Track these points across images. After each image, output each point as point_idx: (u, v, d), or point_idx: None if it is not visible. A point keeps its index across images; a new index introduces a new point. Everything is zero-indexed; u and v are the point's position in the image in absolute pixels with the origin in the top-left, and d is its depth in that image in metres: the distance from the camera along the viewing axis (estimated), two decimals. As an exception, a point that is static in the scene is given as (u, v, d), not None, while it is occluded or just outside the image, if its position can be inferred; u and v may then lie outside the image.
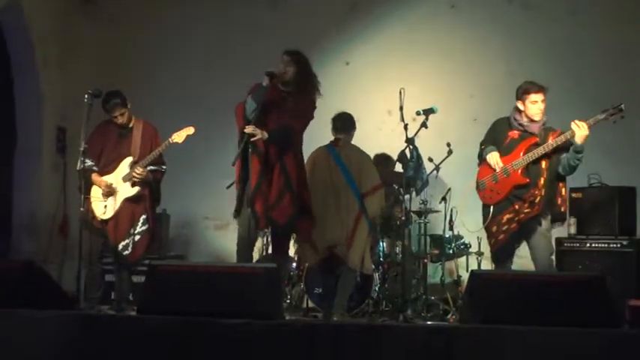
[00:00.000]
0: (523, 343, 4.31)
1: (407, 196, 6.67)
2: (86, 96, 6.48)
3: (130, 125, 6.83)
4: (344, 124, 7.02)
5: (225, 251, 7.96)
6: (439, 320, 7.02)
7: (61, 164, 8.59)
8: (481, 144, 6.43)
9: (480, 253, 7.65)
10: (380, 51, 9.05)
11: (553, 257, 6.27)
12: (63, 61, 9.12)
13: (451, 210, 7.62)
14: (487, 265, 8.05)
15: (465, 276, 6.78)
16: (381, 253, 7.50)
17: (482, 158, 6.38)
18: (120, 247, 6.66)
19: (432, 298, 7.43)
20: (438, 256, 7.74)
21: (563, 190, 6.21)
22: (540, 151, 6.05)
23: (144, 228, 6.74)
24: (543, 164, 6.10)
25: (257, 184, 5.84)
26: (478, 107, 8.81)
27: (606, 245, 7.15)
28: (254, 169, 5.85)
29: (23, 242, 8.59)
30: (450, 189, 7.72)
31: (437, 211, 7.78)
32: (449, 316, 7.15)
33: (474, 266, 7.57)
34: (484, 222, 6.27)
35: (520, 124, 6.20)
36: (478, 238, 7.56)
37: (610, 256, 7.09)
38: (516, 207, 6.11)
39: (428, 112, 6.50)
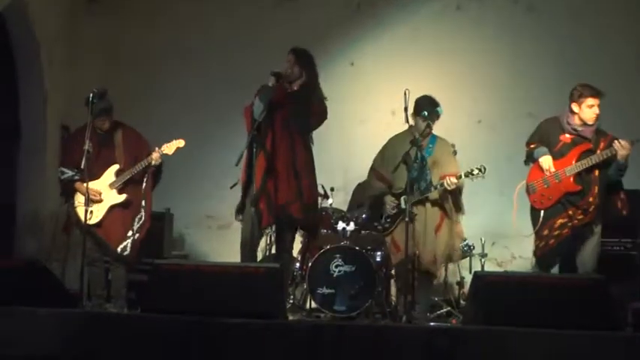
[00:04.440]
0: (526, 345, 4.32)
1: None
2: (91, 95, 6.49)
3: (110, 131, 6.80)
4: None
5: (228, 251, 7.94)
6: (442, 322, 7.02)
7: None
8: (528, 143, 6.41)
9: (483, 255, 7.65)
10: (385, 52, 9.04)
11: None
12: (67, 59, 9.13)
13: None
14: (490, 266, 8.07)
15: (469, 277, 6.78)
16: (384, 254, 7.49)
17: (531, 159, 6.36)
18: (119, 249, 6.69)
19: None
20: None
21: (622, 193, 6.22)
22: (593, 159, 6.04)
23: (139, 224, 6.76)
24: (596, 172, 6.11)
25: (262, 183, 5.87)
26: (483, 109, 8.81)
27: (610, 248, 7.15)
28: (259, 167, 5.87)
29: (27, 240, 8.59)
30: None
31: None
32: (452, 317, 7.15)
33: (477, 268, 7.56)
34: (534, 226, 6.23)
35: (574, 128, 6.19)
36: (482, 239, 7.57)
37: (614, 259, 7.08)
38: (570, 213, 6.11)
39: (432, 114, 6.49)
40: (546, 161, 6.20)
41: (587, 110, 6.12)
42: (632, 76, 8.51)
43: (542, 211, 6.20)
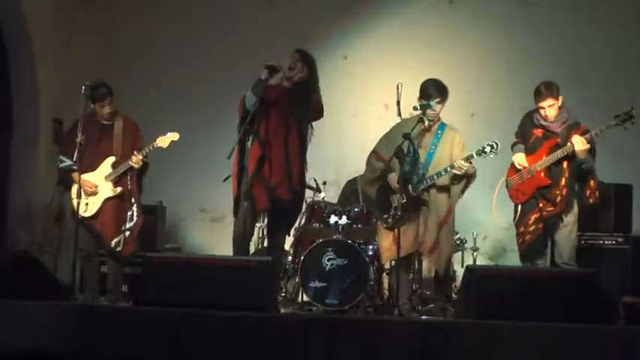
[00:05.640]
0: (518, 339, 4.32)
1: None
2: (83, 88, 6.48)
3: (112, 121, 6.83)
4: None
5: (221, 244, 7.95)
6: (434, 315, 7.02)
7: (57, 155, 8.61)
8: (516, 135, 6.60)
9: (475, 249, 7.66)
10: (378, 45, 9.02)
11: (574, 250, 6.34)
12: (60, 53, 9.10)
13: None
14: (482, 260, 8.09)
15: (460, 271, 6.79)
16: (376, 247, 7.49)
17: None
18: (113, 243, 6.71)
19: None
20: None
21: (592, 182, 6.32)
22: (559, 154, 6.19)
23: (132, 223, 6.78)
24: (565, 164, 6.24)
25: (256, 168, 5.94)
26: (476, 102, 8.81)
27: (602, 242, 7.17)
28: (252, 155, 5.95)
29: (19, 232, 8.58)
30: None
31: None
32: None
33: (469, 261, 7.58)
34: (514, 219, 6.47)
35: (540, 124, 6.36)
36: (473, 233, 7.59)
37: (605, 253, 7.10)
38: (540, 205, 6.29)
39: (425, 107, 6.49)
40: (518, 158, 6.42)
41: (542, 111, 6.31)
42: (630, 70, 8.51)
43: (519, 206, 6.41)
